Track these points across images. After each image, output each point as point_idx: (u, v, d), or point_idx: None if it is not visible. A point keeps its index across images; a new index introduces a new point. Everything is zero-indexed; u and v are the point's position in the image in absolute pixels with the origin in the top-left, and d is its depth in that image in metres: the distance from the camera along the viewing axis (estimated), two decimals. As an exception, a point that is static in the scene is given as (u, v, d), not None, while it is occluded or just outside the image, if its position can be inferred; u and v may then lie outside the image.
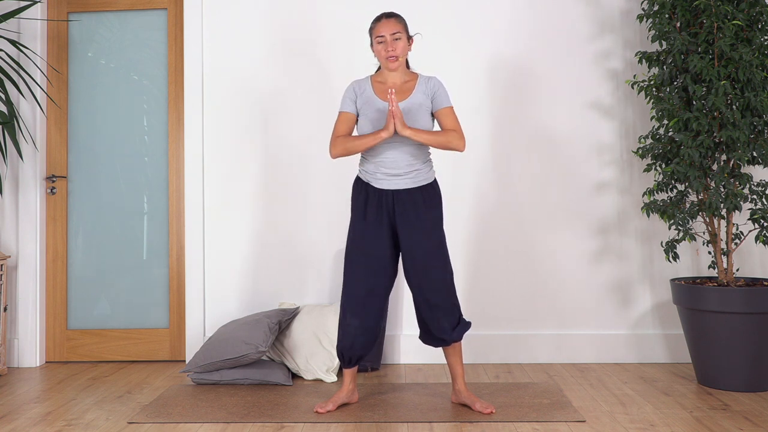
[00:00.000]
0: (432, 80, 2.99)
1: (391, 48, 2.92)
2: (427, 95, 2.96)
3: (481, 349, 3.86)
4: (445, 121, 2.95)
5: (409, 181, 2.96)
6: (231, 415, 2.94)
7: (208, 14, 4.02)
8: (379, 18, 2.98)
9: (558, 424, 2.80)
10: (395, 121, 2.79)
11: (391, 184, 2.96)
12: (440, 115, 2.96)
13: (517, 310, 3.89)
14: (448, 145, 2.90)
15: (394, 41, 2.93)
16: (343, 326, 2.98)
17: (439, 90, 2.97)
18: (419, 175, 2.97)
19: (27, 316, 3.94)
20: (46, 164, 4.09)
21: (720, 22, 3.26)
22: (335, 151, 2.95)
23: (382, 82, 3.02)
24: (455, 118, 2.96)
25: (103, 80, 4.12)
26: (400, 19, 2.98)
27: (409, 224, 2.94)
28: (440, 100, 2.96)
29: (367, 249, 2.95)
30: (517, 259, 3.90)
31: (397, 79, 3.00)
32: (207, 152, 4.01)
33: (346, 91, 3.03)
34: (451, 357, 3.02)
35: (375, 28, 2.97)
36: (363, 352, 3.01)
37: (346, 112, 3.01)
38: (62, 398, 3.28)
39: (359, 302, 2.95)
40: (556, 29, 3.94)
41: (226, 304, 3.97)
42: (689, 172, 3.30)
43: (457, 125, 2.94)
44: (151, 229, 4.08)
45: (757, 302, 3.18)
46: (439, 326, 2.94)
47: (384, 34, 2.93)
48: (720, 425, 2.76)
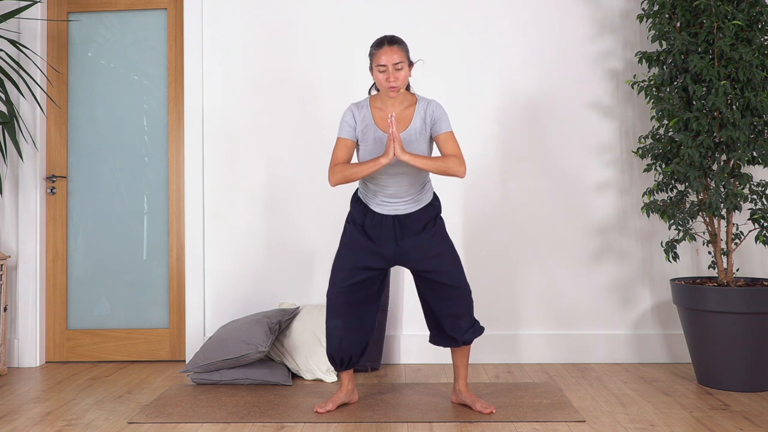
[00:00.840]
0: (431, 105, 2.91)
1: (393, 78, 2.81)
2: (425, 122, 2.90)
3: (481, 349, 3.85)
4: (445, 147, 2.87)
5: (408, 206, 2.95)
6: (231, 415, 2.94)
7: (208, 14, 4.02)
8: (380, 44, 2.86)
9: (558, 424, 2.80)
10: (395, 145, 2.74)
11: (391, 209, 2.95)
12: (440, 140, 2.89)
13: (517, 310, 3.89)
14: (447, 171, 2.83)
15: (396, 71, 2.82)
16: (328, 329, 2.97)
17: (439, 115, 2.89)
18: (419, 199, 2.96)
19: (27, 316, 3.94)
20: (46, 164, 4.09)
21: (720, 22, 3.26)
22: (334, 178, 2.87)
23: (381, 108, 2.93)
24: (455, 143, 2.88)
25: (103, 80, 4.12)
26: (403, 45, 2.87)
27: (414, 240, 2.92)
28: (439, 126, 2.89)
29: (358, 256, 2.93)
30: (517, 259, 3.90)
31: (397, 105, 2.92)
32: (207, 152, 4.01)
33: (345, 115, 2.94)
34: (457, 358, 3.02)
35: (376, 55, 2.84)
36: (352, 353, 2.98)
37: (345, 139, 2.92)
38: (62, 398, 3.28)
39: (341, 303, 2.93)
40: (555, 29, 3.94)
41: (226, 304, 3.97)
42: (689, 172, 3.30)
43: (457, 150, 2.86)
44: (151, 229, 4.08)
45: (757, 302, 3.18)
46: (457, 326, 2.93)
47: (386, 64, 2.82)
48: (720, 425, 2.76)
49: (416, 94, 2.98)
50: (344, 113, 2.96)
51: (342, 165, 2.88)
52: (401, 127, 2.90)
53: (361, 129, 2.92)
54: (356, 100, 3.87)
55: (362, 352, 3.02)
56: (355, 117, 2.93)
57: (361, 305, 2.96)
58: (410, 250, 2.93)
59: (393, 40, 2.86)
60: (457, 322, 2.93)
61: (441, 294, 2.93)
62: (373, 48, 2.88)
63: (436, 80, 3.94)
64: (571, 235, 3.89)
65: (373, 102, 2.96)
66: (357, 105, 2.96)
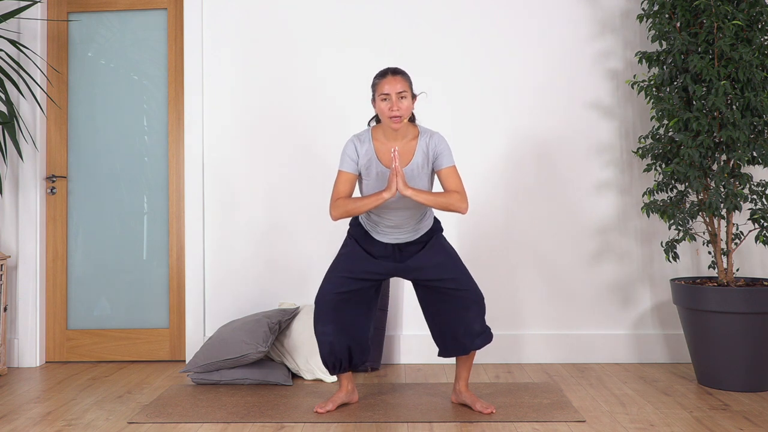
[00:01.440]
0: (433, 139, 2.87)
1: (396, 108, 2.78)
2: (428, 156, 2.88)
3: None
4: (448, 182, 2.85)
5: (409, 235, 2.95)
6: (231, 415, 2.94)
7: (208, 14, 4.02)
8: (384, 74, 2.83)
9: (558, 424, 2.80)
10: (398, 180, 2.72)
11: (392, 238, 2.95)
12: (442, 175, 2.86)
13: (517, 310, 3.89)
14: (449, 207, 2.82)
15: (400, 100, 2.79)
16: (318, 336, 2.95)
17: (441, 149, 2.86)
18: (420, 228, 2.96)
19: (27, 316, 3.94)
20: (46, 164, 4.09)
21: (720, 22, 3.26)
22: (336, 213, 2.85)
23: (384, 141, 2.89)
24: (458, 178, 2.86)
25: (103, 80, 4.12)
26: (406, 76, 2.85)
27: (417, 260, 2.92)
28: (442, 160, 2.86)
29: (353, 266, 2.93)
30: (517, 259, 3.90)
31: (399, 138, 2.88)
32: (207, 152, 4.01)
33: (347, 148, 2.90)
34: (462, 360, 3.01)
35: (379, 85, 2.82)
36: (344, 357, 2.96)
37: (347, 173, 2.88)
38: (62, 398, 3.28)
39: (330, 308, 2.90)
40: (555, 29, 3.94)
41: (226, 304, 3.97)
42: (689, 172, 3.30)
43: (460, 186, 2.84)
44: (151, 229, 4.08)
45: (757, 302, 3.18)
46: (469, 330, 2.90)
47: (389, 93, 2.78)
48: (720, 425, 2.76)
49: (419, 125, 2.94)
50: (346, 146, 2.91)
51: (344, 199, 2.86)
52: (403, 161, 2.87)
53: (363, 163, 2.89)
54: (355, 113, 3.88)
55: (358, 355, 2.99)
56: (357, 150, 2.89)
57: (351, 310, 2.94)
58: (410, 264, 2.93)
59: (396, 70, 2.84)
60: (468, 327, 2.89)
61: (452, 301, 2.90)
62: (376, 78, 2.85)
63: (437, 81, 3.94)
64: (571, 235, 3.89)
65: (374, 134, 2.92)
66: (359, 138, 2.92)
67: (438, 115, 3.91)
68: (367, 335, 3.01)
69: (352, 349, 2.97)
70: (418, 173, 2.88)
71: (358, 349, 2.98)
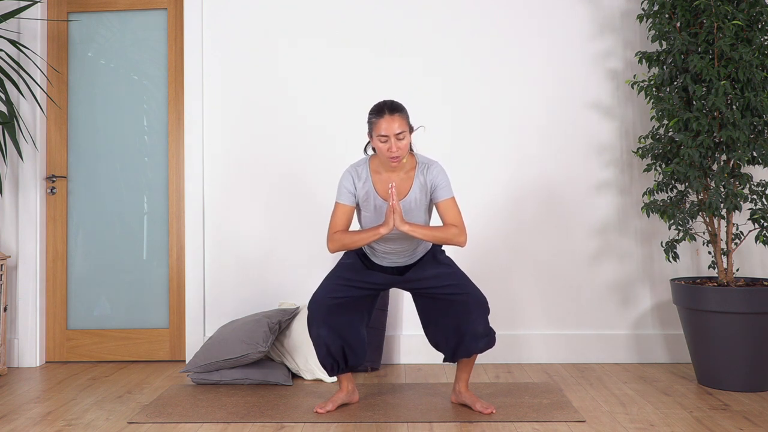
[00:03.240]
0: (431, 171, 2.86)
1: (395, 149, 2.75)
2: (426, 188, 2.87)
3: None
4: (446, 216, 2.84)
5: (407, 260, 2.97)
6: (231, 415, 2.94)
7: (208, 14, 4.02)
8: (380, 111, 2.77)
9: (558, 424, 2.80)
10: (395, 216, 2.72)
11: (390, 263, 2.97)
12: (441, 207, 2.86)
13: (517, 310, 3.89)
14: (447, 242, 2.81)
15: (398, 141, 2.75)
16: (313, 339, 2.93)
17: (439, 181, 2.85)
18: (418, 252, 2.97)
19: (27, 316, 3.94)
20: (46, 164, 4.09)
21: (720, 22, 3.26)
22: (333, 246, 2.86)
23: (381, 173, 2.88)
24: (456, 211, 2.84)
25: (103, 80, 4.12)
26: (404, 113, 2.80)
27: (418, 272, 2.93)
28: (440, 192, 2.85)
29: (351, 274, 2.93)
30: (517, 259, 3.90)
31: (397, 171, 2.87)
32: (207, 152, 4.01)
33: (344, 180, 2.89)
34: (464, 362, 3.00)
35: (377, 124, 2.76)
36: (340, 359, 2.95)
37: (344, 205, 2.89)
38: (62, 398, 3.28)
39: (324, 312, 2.89)
40: (555, 29, 3.94)
41: (226, 304, 3.97)
42: (689, 172, 3.30)
43: (458, 219, 2.83)
44: (151, 229, 4.08)
45: (757, 302, 3.18)
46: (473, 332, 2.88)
47: (388, 135, 2.74)
48: (720, 425, 2.76)
49: (416, 155, 2.92)
50: (343, 177, 2.91)
51: (341, 233, 2.86)
52: (400, 193, 2.86)
53: (361, 195, 2.89)
54: (354, 115, 3.88)
55: (353, 357, 2.97)
56: (355, 183, 2.89)
57: (345, 314, 2.93)
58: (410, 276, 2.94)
59: (393, 107, 2.78)
60: (471, 328, 2.86)
61: (454, 306, 2.87)
62: (372, 116, 2.80)
63: (437, 80, 3.94)
64: (571, 235, 3.89)
65: (372, 165, 2.91)
66: (356, 170, 2.91)
67: (438, 115, 3.91)
68: (361, 338, 2.98)
69: (346, 351, 2.95)
70: (416, 206, 2.88)
71: (352, 351, 2.96)
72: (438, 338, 2.98)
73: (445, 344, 2.96)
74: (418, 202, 2.87)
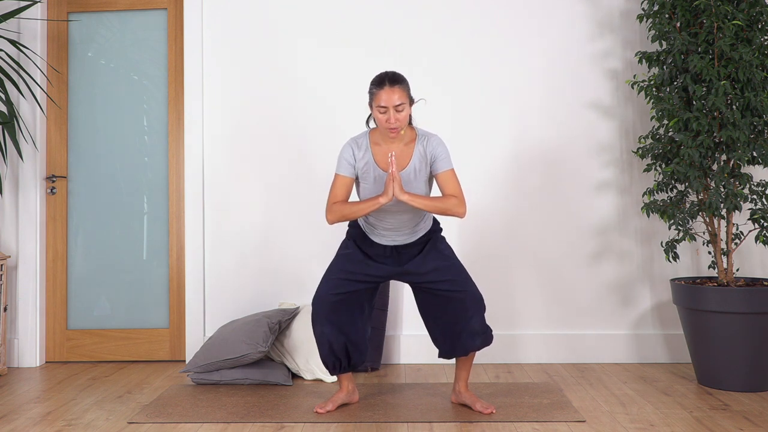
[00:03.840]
0: (431, 142, 2.86)
1: (394, 120, 2.76)
2: (425, 160, 2.86)
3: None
4: (446, 186, 2.84)
5: (408, 237, 2.95)
6: (231, 415, 2.94)
7: (208, 14, 4.02)
8: (381, 83, 2.77)
9: (558, 424, 2.80)
10: (394, 185, 2.72)
11: (390, 240, 2.95)
12: (440, 179, 2.85)
13: (518, 310, 3.89)
14: (446, 212, 2.79)
15: (397, 112, 2.76)
16: (317, 336, 2.95)
17: (439, 153, 2.84)
18: (418, 230, 2.96)
19: (27, 316, 3.94)
20: (46, 164, 4.09)
21: (720, 22, 3.26)
22: (332, 217, 2.85)
23: (381, 145, 2.88)
24: (456, 182, 2.84)
25: (103, 80, 4.12)
26: (404, 85, 2.79)
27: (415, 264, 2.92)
28: (439, 164, 2.84)
29: (350, 267, 2.92)
30: (517, 259, 3.90)
31: (397, 142, 2.87)
32: (207, 152, 4.01)
33: (344, 152, 2.89)
34: (462, 361, 3.01)
35: (377, 95, 2.76)
36: (343, 357, 2.96)
37: (344, 176, 2.88)
38: (62, 398, 3.28)
39: (327, 310, 2.90)
40: (555, 29, 3.94)
41: (226, 304, 3.97)
42: (689, 172, 3.30)
43: (457, 190, 2.82)
44: (151, 229, 4.08)
45: (757, 302, 3.18)
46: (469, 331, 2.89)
47: (387, 105, 2.75)
48: (720, 425, 2.76)
49: (416, 128, 2.92)
50: (343, 149, 2.91)
51: (340, 204, 2.85)
52: (400, 164, 2.86)
53: (361, 167, 2.89)
54: (354, 112, 3.88)
55: (356, 354, 2.99)
56: (354, 154, 2.89)
57: (348, 311, 2.94)
58: (408, 268, 2.93)
59: (394, 79, 2.78)
60: (467, 326, 2.88)
61: (451, 303, 2.89)
62: (373, 86, 2.80)
63: (437, 82, 3.94)
64: (571, 235, 3.89)
65: (372, 138, 2.91)
66: (356, 142, 2.91)
67: (438, 115, 3.91)
68: (364, 335, 3.00)
69: (349, 348, 2.96)
70: (416, 177, 2.87)
71: (355, 348, 2.98)
72: (436, 333, 2.99)
73: (442, 340, 2.98)
74: (417, 172, 2.86)
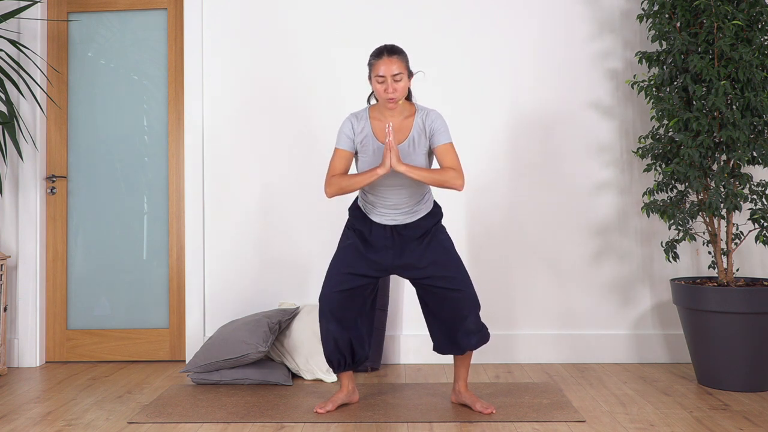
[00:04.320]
0: (430, 115, 2.88)
1: (392, 90, 2.78)
2: (424, 133, 2.87)
3: (481, 349, 3.85)
4: (444, 159, 2.84)
5: (408, 216, 2.94)
6: (231, 415, 2.94)
7: (208, 14, 4.02)
8: (380, 54, 2.82)
9: (558, 424, 2.80)
10: (391, 155, 2.71)
11: (390, 219, 2.94)
12: (439, 152, 2.85)
13: (518, 310, 3.89)
14: (444, 184, 2.80)
15: (395, 82, 2.79)
16: (323, 333, 2.96)
17: (438, 126, 2.86)
18: (419, 208, 2.95)
19: (27, 316, 3.94)
20: (46, 164, 4.09)
21: (720, 22, 3.26)
22: (330, 190, 2.85)
23: (380, 119, 2.90)
24: (454, 155, 2.85)
25: (103, 80, 4.12)
26: (403, 56, 2.83)
27: (412, 246, 2.91)
28: (438, 137, 2.85)
29: (352, 263, 2.92)
30: (517, 259, 3.90)
31: (396, 116, 2.89)
32: (207, 152, 4.01)
33: (343, 126, 2.91)
34: (459, 360, 3.01)
35: (375, 65, 2.80)
36: (348, 355, 2.97)
37: (343, 150, 2.90)
38: (62, 398, 3.28)
39: (334, 307, 2.91)
40: (555, 29, 3.94)
41: (226, 304, 3.97)
42: (689, 172, 3.30)
43: (456, 163, 2.83)
44: (151, 229, 4.08)
45: (757, 302, 3.18)
46: (464, 330, 2.90)
47: (385, 75, 2.78)
48: (720, 425, 2.76)
49: (416, 103, 2.94)
50: (343, 124, 2.93)
51: (339, 176, 2.86)
52: (399, 137, 2.87)
53: (360, 140, 2.90)
54: (355, 110, 3.88)
55: (361, 353, 3.01)
56: (353, 128, 2.90)
57: (353, 308, 2.94)
58: (408, 260, 2.92)
59: (392, 50, 2.82)
60: (463, 325, 2.89)
61: (446, 301, 2.89)
62: (372, 58, 2.84)
63: (437, 83, 3.94)
64: (571, 235, 3.89)
65: (372, 112, 2.93)
66: (356, 116, 2.93)
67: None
68: (368, 332, 3.02)
69: (354, 345, 2.98)
70: (414, 150, 2.87)
71: (359, 345, 2.99)
72: (433, 328, 3.01)
73: (438, 336, 3.00)
74: (416, 145, 2.87)
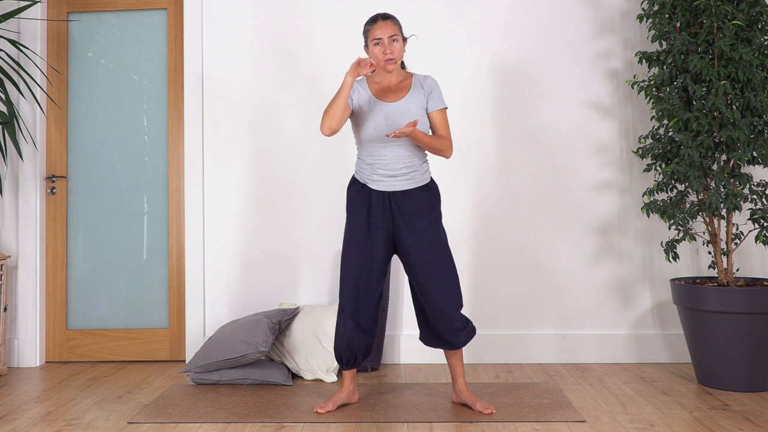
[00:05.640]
0: (428, 80, 3.01)
1: (389, 50, 2.91)
2: (422, 92, 2.98)
3: (481, 349, 3.86)
4: (439, 125, 2.98)
5: (406, 182, 2.96)
6: (231, 415, 2.94)
7: (208, 14, 4.02)
8: (374, 19, 2.96)
9: (558, 424, 2.80)
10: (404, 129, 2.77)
11: (388, 185, 2.96)
12: (434, 116, 2.99)
13: (517, 310, 3.89)
14: (439, 151, 2.94)
15: (392, 43, 2.92)
16: (339, 328, 2.98)
17: (435, 90, 2.99)
18: (416, 175, 2.97)
19: (27, 316, 3.94)
20: (46, 164, 4.09)
21: (720, 22, 3.26)
22: (323, 126, 2.89)
23: (378, 82, 3.02)
24: (447, 124, 3.00)
25: (103, 80, 4.12)
26: (396, 20, 2.98)
27: (409, 226, 2.93)
28: (436, 101, 2.98)
29: (363, 250, 2.94)
30: (517, 259, 3.90)
31: (393, 79, 3.01)
32: (207, 152, 4.01)
33: None
34: (451, 358, 3.03)
35: (371, 30, 2.95)
36: (359, 354, 3.00)
37: None
38: (62, 398, 3.28)
39: (354, 303, 2.95)
40: (555, 29, 3.94)
41: (227, 304, 3.97)
42: (689, 172, 3.30)
43: (448, 132, 2.99)
44: (151, 229, 4.08)
45: (757, 302, 3.18)
46: (449, 326, 2.92)
47: (381, 37, 2.92)
48: (720, 425, 2.76)
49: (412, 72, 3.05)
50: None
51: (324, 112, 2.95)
52: (399, 95, 2.98)
53: (358, 100, 2.99)
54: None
55: (369, 352, 3.03)
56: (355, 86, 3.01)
57: (368, 306, 2.96)
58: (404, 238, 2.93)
59: (386, 15, 2.97)
60: (447, 321, 2.91)
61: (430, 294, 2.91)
62: (367, 25, 2.98)
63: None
64: (571, 235, 3.89)
65: (369, 80, 3.05)
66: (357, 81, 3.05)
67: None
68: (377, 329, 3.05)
69: (367, 344, 3.01)
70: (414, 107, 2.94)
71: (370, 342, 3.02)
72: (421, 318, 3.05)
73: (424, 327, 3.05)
74: (416, 102, 2.96)
